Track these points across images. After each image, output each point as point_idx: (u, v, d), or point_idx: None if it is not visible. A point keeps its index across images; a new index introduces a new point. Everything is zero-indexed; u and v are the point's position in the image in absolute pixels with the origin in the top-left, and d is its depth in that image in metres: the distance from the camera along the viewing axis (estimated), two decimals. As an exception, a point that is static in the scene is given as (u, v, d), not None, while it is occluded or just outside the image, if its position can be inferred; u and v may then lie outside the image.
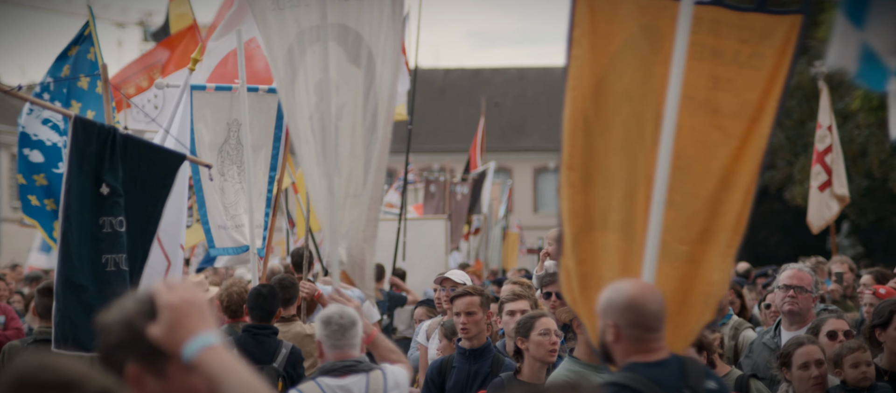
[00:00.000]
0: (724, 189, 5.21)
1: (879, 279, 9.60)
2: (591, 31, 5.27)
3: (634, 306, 4.55)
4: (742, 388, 6.96)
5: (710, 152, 5.23)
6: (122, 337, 2.76)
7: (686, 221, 5.20)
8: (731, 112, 5.23)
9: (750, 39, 5.25)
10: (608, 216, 5.26)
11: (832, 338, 7.01)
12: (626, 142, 5.25)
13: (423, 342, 9.65)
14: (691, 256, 5.19)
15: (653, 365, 4.56)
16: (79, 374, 2.36)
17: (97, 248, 6.73)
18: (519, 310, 7.70)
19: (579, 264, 5.24)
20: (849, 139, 29.36)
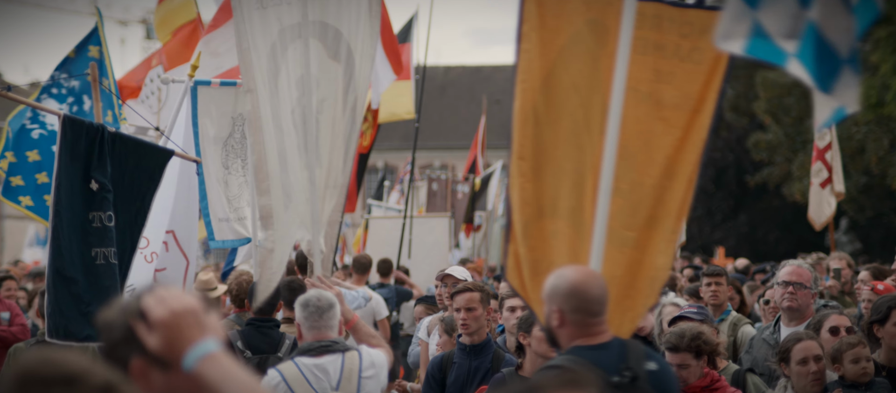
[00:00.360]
0: (668, 177, 5.39)
1: (877, 275, 9.60)
2: (540, 27, 5.42)
3: (577, 292, 4.68)
4: (739, 382, 6.97)
5: (654, 142, 5.39)
6: (126, 333, 2.77)
7: (632, 209, 5.37)
8: (673, 104, 5.40)
9: (690, 34, 5.41)
10: (557, 204, 5.42)
11: (834, 333, 7.01)
12: (574, 133, 5.42)
13: (423, 338, 9.66)
14: (637, 242, 5.36)
15: (594, 348, 4.68)
16: (83, 368, 2.37)
17: (87, 242, 6.85)
18: (519, 306, 7.70)
19: (530, 251, 5.39)
20: (847, 136, 29.37)
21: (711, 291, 9.43)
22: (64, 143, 6.83)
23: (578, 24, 5.42)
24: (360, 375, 6.19)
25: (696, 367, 6.63)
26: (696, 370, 6.64)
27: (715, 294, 9.40)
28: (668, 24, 5.40)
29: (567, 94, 5.43)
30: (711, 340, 6.71)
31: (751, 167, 36.88)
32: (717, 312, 9.36)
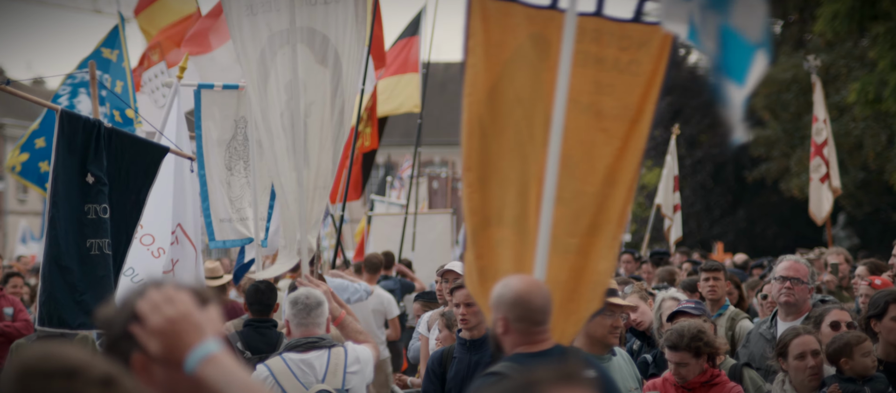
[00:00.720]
0: (609, 185, 5.56)
1: (874, 270, 9.60)
2: (485, 42, 5.58)
3: (521, 302, 4.83)
4: (736, 377, 6.98)
5: (595, 152, 5.57)
6: (127, 327, 2.78)
7: (574, 216, 5.53)
8: (613, 114, 5.58)
9: (629, 47, 5.58)
10: (503, 213, 5.59)
11: (835, 328, 7.01)
12: (518, 143, 5.59)
13: (424, 333, 9.68)
14: (580, 248, 5.53)
15: (534, 355, 4.82)
16: (83, 361, 2.38)
17: (82, 233, 7.05)
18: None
19: (478, 258, 5.57)
20: (845, 132, 29.37)
21: (709, 286, 9.44)
22: (61, 137, 7.04)
23: (522, 39, 5.59)
24: (345, 369, 6.34)
25: (695, 365, 6.64)
26: (695, 368, 6.65)
27: (713, 289, 9.41)
28: (608, 38, 5.57)
29: (511, 106, 5.59)
30: (712, 340, 6.72)
31: (749, 163, 36.88)
32: (715, 306, 9.37)
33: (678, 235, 20.59)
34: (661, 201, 21.04)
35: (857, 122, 28.72)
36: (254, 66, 7.69)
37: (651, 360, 7.92)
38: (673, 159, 20.86)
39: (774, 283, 7.83)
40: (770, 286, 7.96)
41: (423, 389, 7.80)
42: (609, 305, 6.33)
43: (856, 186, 30.99)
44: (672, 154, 20.89)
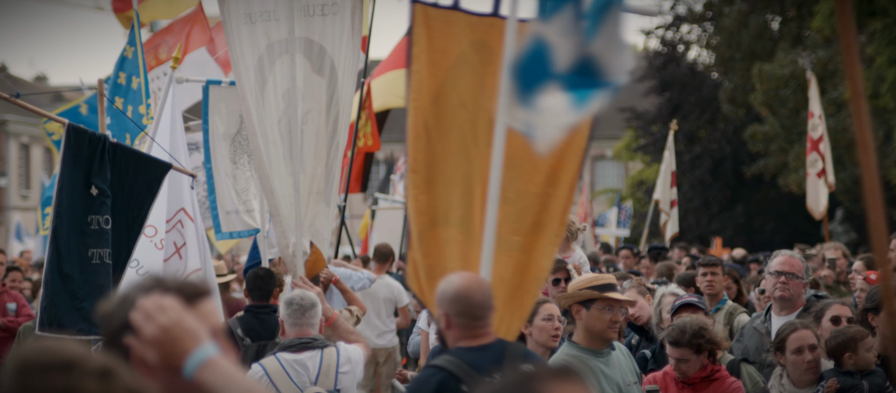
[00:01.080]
0: (551, 185, 5.75)
1: (870, 265, 9.61)
2: (429, 49, 5.76)
3: (462, 297, 4.98)
4: (734, 372, 6.99)
5: (536, 154, 5.53)
6: (126, 321, 2.80)
7: (518, 215, 5.72)
8: None
9: None
10: (449, 213, 5.78)
11: (836, 323, 7.02)
12: (463, 146, 5.79)
13: (424, 328, 9.70)
14: (524, 246, 5.71)
15: (474, 349, 4.97)
16: (79, 354, 2.40)
17: (84, 242, 7.30)
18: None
19: (426, 257, 5.74)
20: (842, 128, 29.36)
21: (707, 281, 9.45)
22: (67, 149, 7.33)
23: (464, 45, 5.78)
24: (337, 370, 6.49)
25: (696, 361, 6.65)
26: (696, 364, 6.66)
27: (711, 284, 9.42)
28: None
29: (455, 110, 5.77)
30: (714, 336, 6.73)
31: (747, 158, 36.87)
32: (713, 301, 9.38)
33: (674, 230, 20.60)
34: (659, 197, 21.05)
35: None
36: (252, 73, 7.87)
37: (650, 355, 7.93)
38: (670, 155, 20.86)
39: (769, 277, 7.83)
40: (765, 281, 7.97)
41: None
42: (608, 300, 6.34)
43: (853, 182, 30.96)
44: (670, 150, 20.90)
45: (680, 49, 41.47)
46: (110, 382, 2.39)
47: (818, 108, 15.90)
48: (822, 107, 29.82)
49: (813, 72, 18.39)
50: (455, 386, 4.92)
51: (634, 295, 8.18)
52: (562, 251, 8.86)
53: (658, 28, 40.91)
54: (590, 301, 6.35)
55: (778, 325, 7.68)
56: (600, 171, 61.57)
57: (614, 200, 42.62)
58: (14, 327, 11.45)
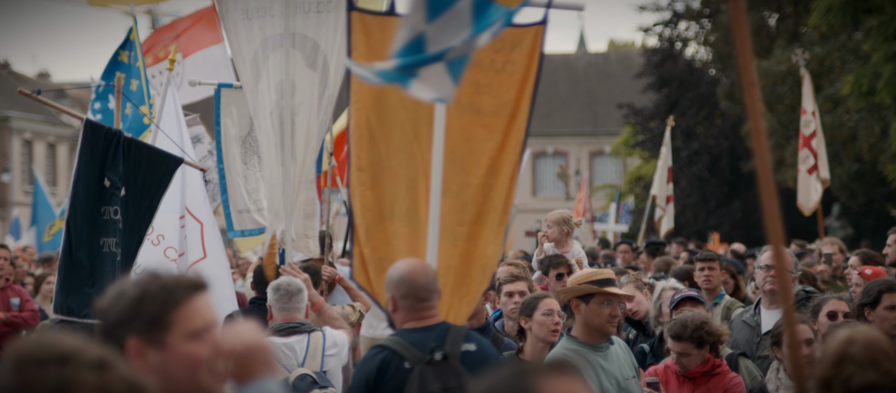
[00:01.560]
0: (493, 176, 6.03)
1: (866, 260, 9.61)
2: (367, 53, 5.95)
3: (406, 280, 5.23)
4: (732, 366, 7.00)
5: (477, 147, 6.03)
6: (122, 315, 2.84)
7: (462, 206, 6.00)
8: (492, 112, 6.04)
9: (502, 49, 6.03)
10: (395, 207, 6.04)
11: (832, 318, 7.05)
12: (405, 143, 6.04)
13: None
14: (469, 235, 6.00)
15: (418, 330, 5.22)
16: (76, 347, 2.42)
17: (97, 232, 7.66)
18: (516, 291, 7.73)
19: (374, 251, 6.00)
20: (839, 124, 29.36)
21: (704, 276, 9.47)
22: (84, 144, 7.71)
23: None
24: (323, 353, 6.69)
25: (697, 355, 6.66)
26: (697, 358, 6.67)
27: (708, 279, 9.44)
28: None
29: (396, 110, 6.03)
30: (715, 330, 6.74)
31: (745, 154, 36.86)
32: (711, 296, 9.39)
33: (669, 226, 20.59)
34: (656, 192, 21.04)
35: (851, 114, 28.72)
36: (248, 67, 8.12)
37: (649, 349, 7.94)
38: (667, 151, 20.85)
39: (759, 271, 7.88)
40: (755, 275, 8.01)
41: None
42: (607, 294, 6.35)
43: (850, 178, 30.98)
44: (667, 145, 20.89)
45: (678, 46, 41.46)
46: (106, 374, 2.40)
47: (811, 104, 15.90)
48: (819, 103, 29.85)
49: (807, 68, 18.35)
50: (398, 363, 5.17)
51: (632, 290, 8.19)
52: (560, 247, 8.89)
53: (656, 25, 40.93)
54: (589, 296, 6.36)
55: (768, 318, 7.74)
56: (599, 167, 61.55)
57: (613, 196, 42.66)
58: (18, 322, 11.46)
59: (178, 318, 2.84)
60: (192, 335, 2.85)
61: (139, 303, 2.84)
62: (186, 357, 2.84)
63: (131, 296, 2.86)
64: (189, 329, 2.85)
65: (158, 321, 2.83)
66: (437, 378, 5.15)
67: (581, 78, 65.05)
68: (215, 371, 2.89)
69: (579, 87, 64.52)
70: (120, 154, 7.72)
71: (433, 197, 5.75)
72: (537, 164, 62.33)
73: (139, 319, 2.83)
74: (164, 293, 2.85)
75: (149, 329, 2.83)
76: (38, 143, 57.20)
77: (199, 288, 2.90)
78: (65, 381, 2.36)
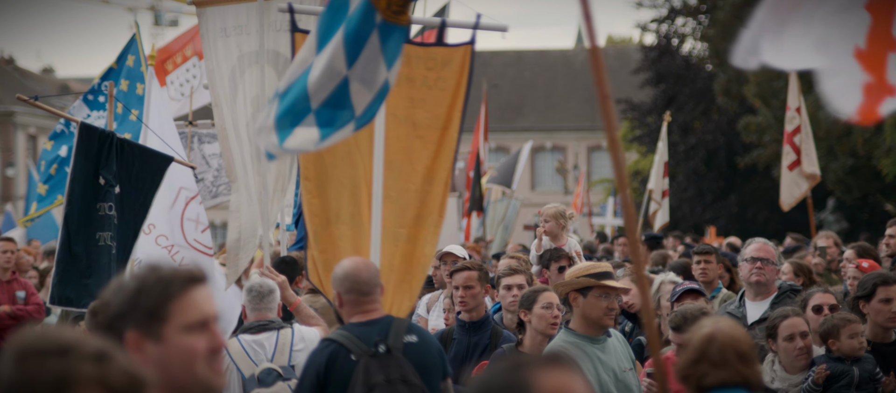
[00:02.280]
0: (428, 183, 6.55)
1: (862, 254, 9.62)
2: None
3: (349, 276, 5.55)
4: None
5: (414, 156, 6.55)
6: (120, 308, 2.84)
7: (402, 211, 6.51)
8: (426, 124, 6.55)
9: (434, 67, 6.57)
10: (340, 212, 6.50)
11: (817, 312, 7.06)
12: (348, 154, 6.52)
13: (423, 315, 9.71)
14: (409, 237, 6.51)
15: (363, 324, 5.54)
16: (76, 339, 2.41)
17: (93, 226, 8.10)
18: (515, 284, 7.73)
19: (322, 253, 6.48)
20: (833, 120, 29.32)
21: (701, 269, 9.47)
22: (80, 145, 8.15)
23: None
24: (291, 348, 6.91)
25: (698, 348, 6.65)
26: (698, 351, 6.66)
27: (704, 272, 9.44)
28: (416, 61, 6.52)
29: None
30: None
31: (741, 149, 36.86)
32: (708, 289, 9.38)
33: (664, 220, 20.57)
34: (653, 187, 21.04)
35: (846, 109, 28.68)
36: (226, 82, 8.45)
37: (646, 342, 7.94)
38: (664, 146, 20.84)
39: (744, 264, 7.92)
40: (740, 267, 8.05)
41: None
42: (605, 287, 6.34)
43: (845, 173, 30.99)
44: (663, 140, 20.88)
45: (675, 42, 41.44)
46: (106, 366, 2.40)
47: (796, 101, 15.87)
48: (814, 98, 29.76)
49: None
50: (345, 356, 5.45)
51: (628, 283, 8.19)
52: (556, 241, 8.89)
53: (653, 21, 40.90)
54: (587, 289, 6.36)
55: (753, 310, 7.78)
56: (596, 162, 61.54)
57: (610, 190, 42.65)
58: (23, 315, 11.46)
59: (175, 310, 2.83)
60: (189, 328, 2.84)
61: (137, 296, 2.84)
62: (183, 349, 2.83)
63: (130, 289, 2.86)
64: (186, 322, 2.84)
65: (155, 314, 2.82)
66: (381, 370, 5.42)
67: (579, 73, 65.00)
68: (213, 364, 2.87)
69: (577, 83, 64.48)
70: (113, 154, 8.15)
71: (375, 202, 6.24)
72: (536, 159, 62.32)
73: (137, 311, 2.83)
74: (161, 286, 2.84)
75: (146, 322, 2.82)
76: (42, 138, 57.17)
77: (197, 281, 2.88)
78: (65, 373, 2.35)
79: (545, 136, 61.91)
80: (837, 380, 6.45)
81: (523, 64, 64.20)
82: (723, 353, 4.09)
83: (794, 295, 7.83)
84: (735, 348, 4.11)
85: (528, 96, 62.67)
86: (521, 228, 37.49)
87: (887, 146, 26.37)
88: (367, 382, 5.38)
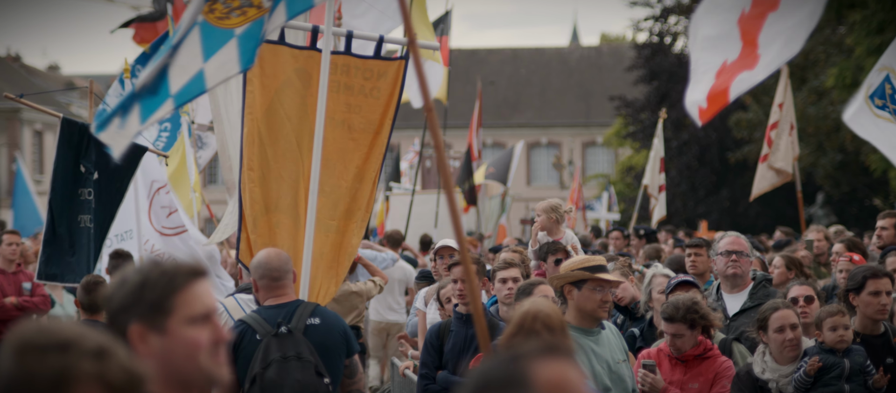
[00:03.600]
0: (358, 181, 7.18)
1: (851, 247, 9.63)
2: (260, 74, 7.04)
3: (262, 265, 6.19)
4: (726, 351, 7.01)
5: (347, 157, 7.17)
6: (125, 301, 2.83)
7: (333, 204, 7.12)
8: (360, 128, 7.20)
9: (371, 77, 7.22)
10: (279, 203, 7.04)
11: (794, 303, 7.09)
12: (288, 150, 7.09)
13: (421, 308, 9.74)
14: (339, 228, 7.14)
15: (273, 307, 6.13)
16: (76, 334, 2.39)
17: (74, 210, 8.79)
18: (510, 278, 7.72)
19: (259, 237, 7.00)
20: (823, 115, 29.36)
21: (691, 262, 9.51)
22: (62, 137, 8.84)
23: (289, 72, 7.12)
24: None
25: (690, 337, 6.66)
26: (690, 340, 6.66)
27: (694, 264, 9.48)
28: (354, 71, 7.17)
29: (282, 122, 7.11)
30: (706, 312, 6.73)
31: (732, 145, 36.86)
32: (700, 281, 9.38)
33: (662, 214, 20.62)
34: (648, 182, 21.05)
35: (835, 105, 28.70)
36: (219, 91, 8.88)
37: (638, 333, 7.94)
38: (659, 142, 20.85)
39: (719, 257, 7.96)
40: (715, 261, 8.08)
41: (421, 360, 7.82)
42: (599, 280, 6.33)
43: (834, 168, 31.00)
44: (659, 137, 20.89)
45: (667, 40, 41.44)
46: (106, 362, 2.38)
47: (781, 96, 15.87)
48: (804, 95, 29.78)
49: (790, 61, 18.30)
50: (251, 335, 6.04)
51: (618, 277, 8.18)
52: (552, 234, 8.89)
53: (647, 20, 40.90)
54: (581, 282, 6.34)
55: (731, 302, 7.83)
56: (591, 158, 61.58)
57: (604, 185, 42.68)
58: (29, 307, 11.44)
59: (179, 303, 2.83)
60: (192, 320, 2.84)
61: (141, 289, 2.83)
62: (187, 341, 2.83)
63: (133, 283, 2.85)
64: (189, 314, 2.84)
65: (159, 307, 2.82)
66: (279, 348, 6.00)
67: (574, 71, 65.02)
68: (216, 355, 2.87)
69: (572, 80, 64.49)
70: (92, 144, 8.75)
71: (311, 196, 6.82)
72: (532, 155, 62.35)
73: (141, 304, 2.82)
74: (165, 280, 2.84)
75: (150, 315, 2.82)
76: (48, 134, 57.17)
77: (199, 275, 2.89)
78: (64, 368, 2.33)
79: (541, 132, 61.92)
80: (828, 371, 6.44)
81: (519, 61, 64.19)
82: (534, 325, 4.87)
83: (768, 284, 7.91)
84: (544, 322, 4.92)
85: (524, 93, 62.66)
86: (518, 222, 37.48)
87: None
88: (265, 358, 5.99)
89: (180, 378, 2.84)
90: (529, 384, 2.42)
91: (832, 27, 29.49)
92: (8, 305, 11.42)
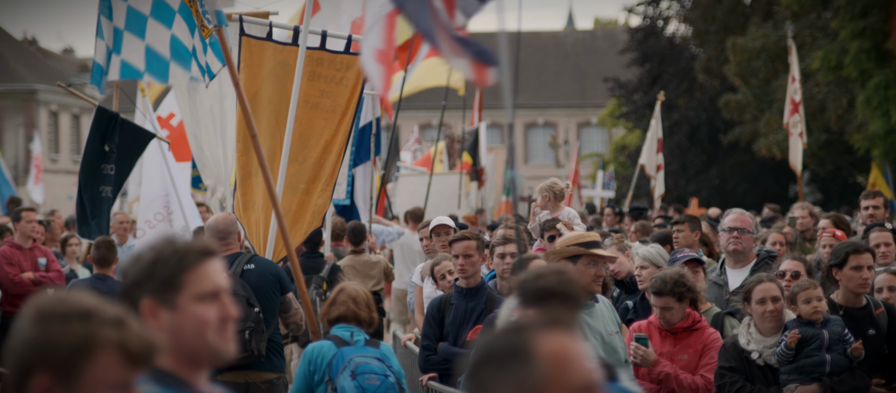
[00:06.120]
0: (326, 153, 8.61)
1: (836, 224, 9.65)
2: (249, 65, 8.57)
3: (211, 227, 7.61)
4: (718, 324, 7.04)
5: (317, 133, 8.63)
6: (138, 276, 2.87)
7: (303, 171, 8.57)
8: (330, 110, 8.63)
9: (341, 68, 8.66)
10: (257, 169, 7.98)
11: (781, 277, 7.11)
12: (269, 127, 8.52)
13: (417, 282, 9.77)
14: (307, 190, 8.57)
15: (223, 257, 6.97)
16: (95, 303, 2.45)
17: (98, 181, 10.02)
18: (508, 253, 7.73)
19: (243, 196, 8.52)
20: (809, 96, 29.26)
21: (675, 238, 9.60)
22: (95, 121, 10.11)
23: (272, 63, 8.59)
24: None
25: (679, 309, 6.67)
26: (679, 312, 6.68)
27: (677, 240, 9.54)
28: (328, 63, 8.62)
29: (266, 105, 8.58)
30: (693, 285, 6.75)
31: (722, 125, 36.81)
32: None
33: (661, 191, 20.93)
34: (645, 162, 21.11)
35: (820, 87, 28.67)
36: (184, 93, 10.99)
37: (632, 306, 7.96)
38: (657, 123, 20.89)
39: (723, 234, 7.98)
40: (720, 237, 8.09)
41: (423, 332, 7.84)
42: (593, 256, 6.34)
43: (819, 147, 30.96)
44: (656, 119, 20.93)
45: (660, 24, 41.32)
46: (125, 331, 2.45)
47: (798, 73, 15.86)
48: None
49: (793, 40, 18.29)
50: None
51: (614, 251, 8.19)
52: (552, 211, 8.91)
53: (639, 4, 40.78)
54: (576, 257, 6.36)
55: (733, 277, 7.83)
56: (586, 137, 61.50)
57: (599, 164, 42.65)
58: (45, 282, 11.47)
59: (189, 280, 2.86)
60: (201, 297, 2.87)
61: (154, 266, 2.87)
62: (195, 317, 2.85)
63: (147, 259, 2.88)
64: (199, 291, 2.87)
65: (171, 283, 2.85)
66: None
67: (569, 54, 64.89)
68: (224, 332, 2.89)
69: (568, 63, 64.37)
70: (116, 129, 10.04)
71: (283, 163, 8.28)
72: (529, 135, 62.30)
73: (153, 280, 2.85)
74: (177, 257, 2.87)
75: (162, 290, 2.85)
76: (63, 115, 57.09)
77: (210, 254, 2.92)
78: (88, 335, 2.40)
79: (537, 113, 61.86)
80: (809, 343, 6.47)
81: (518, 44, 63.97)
82: (342, 296, 6.26)
83: (772, 261, 7.87)
84: (351, 295, 6.25)
85: (521, 75, 62.44)
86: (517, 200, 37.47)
87: (858, 122, 26.31)
88: None
89: (188, 352, 2.86)
90: (532, 355, 2.43)
91: (818, 11, 29.41)
92: (25, 279, 11.46)
